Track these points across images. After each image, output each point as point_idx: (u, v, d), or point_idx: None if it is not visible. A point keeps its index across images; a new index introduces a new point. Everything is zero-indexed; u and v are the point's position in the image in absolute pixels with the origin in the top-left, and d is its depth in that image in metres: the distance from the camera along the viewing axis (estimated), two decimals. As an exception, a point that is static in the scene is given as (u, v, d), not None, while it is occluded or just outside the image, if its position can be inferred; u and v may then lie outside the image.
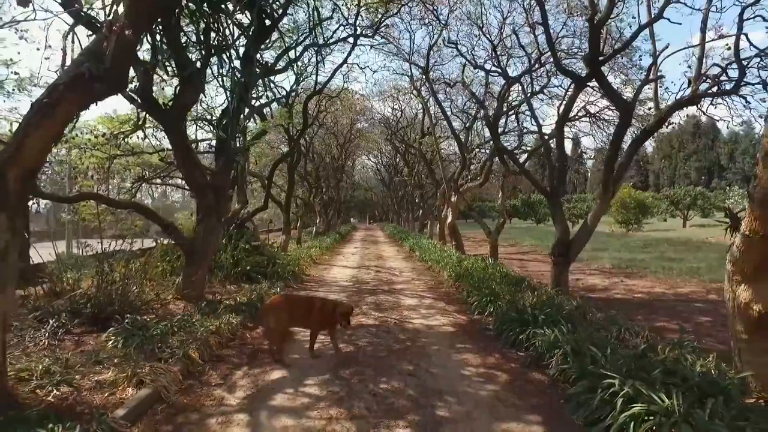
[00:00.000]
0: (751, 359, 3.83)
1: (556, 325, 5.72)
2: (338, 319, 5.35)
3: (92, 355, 4.91)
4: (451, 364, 5.43)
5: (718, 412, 3.29)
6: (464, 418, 3.97)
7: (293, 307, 5.63)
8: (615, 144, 7.87)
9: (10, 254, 3.93)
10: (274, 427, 3.78)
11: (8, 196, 3.91)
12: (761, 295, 3.67)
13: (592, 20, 7.14)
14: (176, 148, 7.51)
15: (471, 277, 9.92)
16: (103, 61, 4.19)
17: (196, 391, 4.52)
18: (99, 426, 3.37)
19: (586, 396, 4.01)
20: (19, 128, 4.13)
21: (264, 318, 5.66)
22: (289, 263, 12.35)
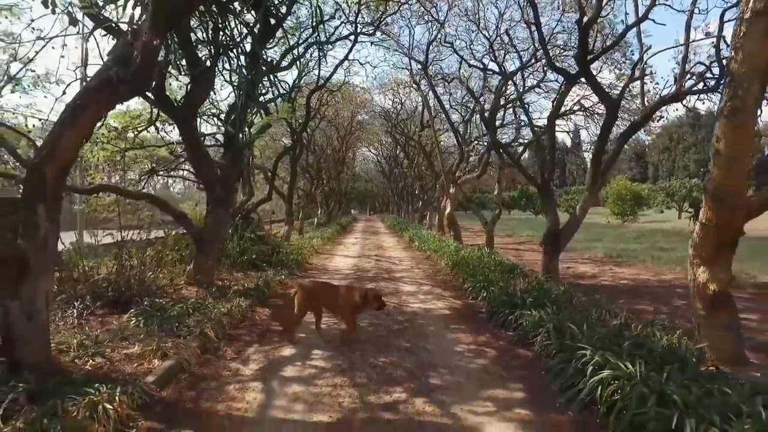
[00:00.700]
0: (708, 333, 4.32)
1: (542, 307, 6.20)
2: (372, 303, 5.73)
3: (117, 333, 5.40)
4: (445, 342, 5.93)
5: (674, 376, 3.78)
6: (455, 386, 4.46)
7: (322, 291, 6.06)
8: (602, 138, 8.32)
9: (49, 242, 4.41)
10: (286, 392, 4.27)
11: (46, 190, 4.39)
12: (716, 277, 4.14)
13: (581, 21, 7.55)
14: (187, 142, 7.96)
15: (467, 265, 10.41)
16: (129, 65, 4.63)
17: (213, 364, 5.01)
18: (134, 389, 3.87)
19: (564, 366, 4.50)
20: (54, 128, 4.58)
21: (293, 297, 6.03)
22: (293, 252, 12.85)
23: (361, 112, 27.77)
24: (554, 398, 4.18)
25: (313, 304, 5.96)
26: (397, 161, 38.81)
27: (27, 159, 5.68)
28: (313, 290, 6.04)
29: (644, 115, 8.32)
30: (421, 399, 4.12)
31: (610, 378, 3.86)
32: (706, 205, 4.04)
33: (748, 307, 7.30)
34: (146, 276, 7.25)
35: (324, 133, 27.47)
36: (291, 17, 9.88)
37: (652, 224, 26.29)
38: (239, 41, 8.29)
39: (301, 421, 3.72)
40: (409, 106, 26.37)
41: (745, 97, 3.42)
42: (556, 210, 9.25)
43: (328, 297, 5.92)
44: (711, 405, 3.24)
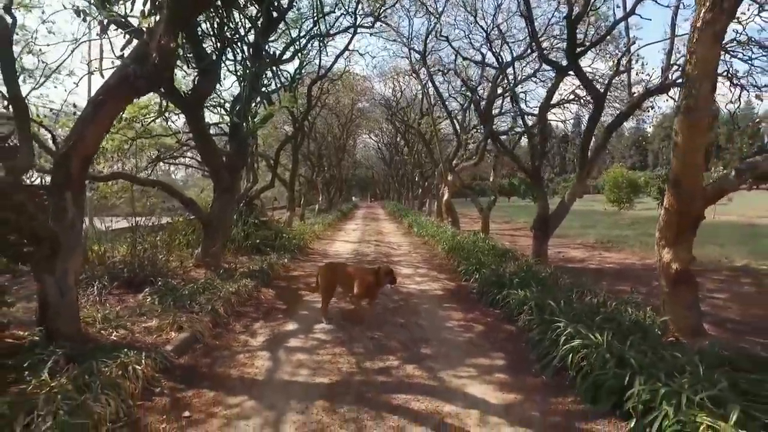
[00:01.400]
0: (671, 308, 4.79)
1: (528, 287, 6.69)
2: (385, 279, 6.08)
3: (135, 310, 5.89)
4: (437, 318, 6.42)
5: (635, 344, 4.26)
6: (443, 354, 4.96)
7: (341, 270, 6.48)
8: (589, 128, 8.74)
9: (76, 224, 4.88)
10: (291, 360, 4.77)
11: (72, 178, 4.84)
12: (678, 257, 4.60)
13: (569, 17, 7.92)
14: (195, 132, 8.38)
15: (462, 249, 10.89)
16: (145, 63, 5.05)
17: (224, 336, 5.51)
18: (156, 355, 4.36)
19: (541, 338, 4.98)
20: (78, 121, 5.01)
21: (316, 278, 6.50)
22: (295, 237, 13.33)
23: (361, 99, 28.02)
24: (531, 366, 4.67)
25: (333, 282, 6.35)
26: (397, 148, 39.10)
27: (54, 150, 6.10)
28: (334, 270, 6.45)
29: (630, 106, 8.72)
30: (412, 365, 4.62)
31: (579, 346, 4.35)
32: (669, 193, 4.49)
33: (721, 287, 7.79)
34: (158, 259, 7.73)
35: (325, 121, 27.77)
36: (292, 10, 10.22)
37: (647, 211, 26.67)
38: (243, 35, 8.67)
39: (304, 382, 4.22)
40: (408, 94, 26.64)
41: (698, 97, 3.84)
42: (545, 196, 9.69)
43: (346, 276, 6.29)
44: (661, 366, 3.73)
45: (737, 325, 5.78)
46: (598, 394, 3.79)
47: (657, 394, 3.31)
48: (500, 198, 51.12)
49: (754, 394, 3.23)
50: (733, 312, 6.47)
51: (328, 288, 6.24)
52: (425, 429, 3.37)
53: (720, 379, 3.35)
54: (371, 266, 6.90)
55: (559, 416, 3.63)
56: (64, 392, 3.28)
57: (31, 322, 4.79)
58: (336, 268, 6.49)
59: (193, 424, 3.45)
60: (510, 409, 3.73)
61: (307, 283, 8.39)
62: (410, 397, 3.91)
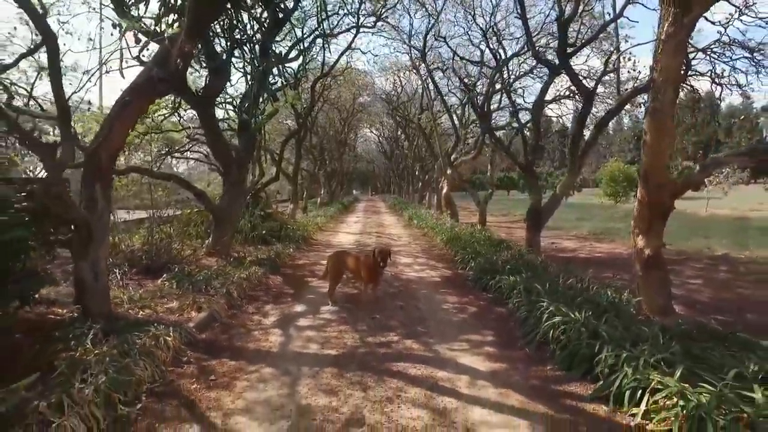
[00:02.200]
0: (644, 289, 5.29)
1: (518, 273, 7.21)
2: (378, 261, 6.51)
3: (156, 293, 6.40)
4: (434, 302, 6.94)
5: (609, 320, 4.78)
6: (438, 332, 5.48)
7: (347, 258, 6.98)
8: (579, 124, 9.21)
9: (104, 214, 5.39)
10: (301, 336, 5.30)
11: (101, 171, 5.34)
12: (650, 243, 5.10)
13: (560, 19, 8.38)
14: (206, 128, 8.88)
15: (459, 240, 11.41)
16: (167, 66, 5.54)
17: (239, 316, 6.04)
18: (181, 330, 4.89)
19: (527, 317, 5.51)
20: (106, 119, 5.49)
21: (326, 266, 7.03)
22: (299, 229, 13.85)
23: (362, 94, 28.41)
24: (517, 341, 5.19)
25: (341, 269, 6.87)
26: (398, 142, 39.48)
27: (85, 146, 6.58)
28: (341, 257, 6.97)
29: (619, 103, 9.20)
30: (410, 340, 5.15)
31: (560, 323, 4.87)
32: (640, 186, 4.99)
33: (699, 274, 8.32)
34: (173, 247, 8.25)
35: (326, 116, 28.19)
36: (297, 10, 10.67)
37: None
38: (252, 36, 9.13)
39: (314, 354, 4.75)
40: (409, 89, 27.04)
41: (663, 101, 4.32)
42: (539, 190, 10.17)
43: (352, 263, 6.82)
44: (628, 338, 4.25)
45: (705, 306, 6.32)
46: (572, 363, 4.32)
47: (620, 359, 3.84)
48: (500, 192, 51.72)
49: (701, 357, 3.75)
50: (704, 295, 7.00)
51: (336, 274, 6.76)
52: (421, 389, 3.89)
53: (674, 347, 3.87)
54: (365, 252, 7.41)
55: (537, 380, 4.15)
56: (110, 356, 3.81)
57: (65, 302, 5.33)
58: (344, 256, 7.01)
59: (218, 386, 3.97)
60: (495, 374, 4.25)
61: (313, 271, 8.93)
62: (408, 365, 4.43)
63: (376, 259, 6.50)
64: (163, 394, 3.77)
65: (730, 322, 5.40)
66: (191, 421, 3.38)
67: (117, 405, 3.40)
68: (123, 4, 6.78)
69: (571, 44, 9.52)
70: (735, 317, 5.82)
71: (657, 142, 4.55)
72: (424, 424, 3.33)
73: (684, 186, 5.01)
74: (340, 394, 3.80)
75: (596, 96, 16.19)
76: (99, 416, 3.20)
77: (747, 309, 6.28)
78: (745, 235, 12.52)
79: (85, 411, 3.15)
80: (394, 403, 3.65)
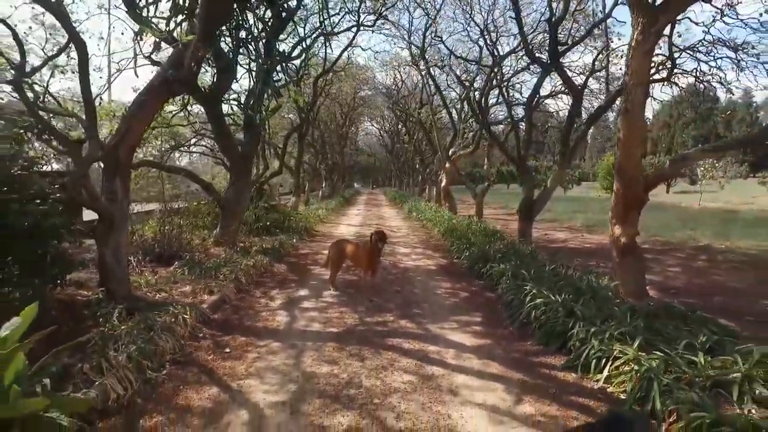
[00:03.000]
0: (620, 274, 5.76)
1: (508, 261, 7.68)
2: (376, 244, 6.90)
3: (169, 278, 6.89)
4: (429, 287, 7.43)
5: (585, 302, 5.26)
6: (431, 313, 5.96)
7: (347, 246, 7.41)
8: (569, 121, 9.64)
9: (124, 205, 5.86)
10: (305, 316, 5.79)
11: (120, 165, 5.81)
12: (626, 232, 5.55)
13: (550, 20, 8.79)
14: (214, 124, 9.34)
15: (456, 231, 11.87)
16: (181, 68, 5.99)
17: (247, 300, 6.54)
18: (195, 311, 5.38)
19: (513, 299, 5.98)
20: (124, 118, 5.95)
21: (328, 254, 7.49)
22: (301, 221, 14.34)
23: (363, 88, 28.76)
24: (503, 321, 5.67)
25: (341, 256, 7.33)
26: (398, 136, 39.83)
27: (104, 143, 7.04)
28: (341, 245, 7.42)
29: (607, 101, 9.62)
30: (405, 320, 5.64)
31: (541, 304, 5.35)
32: (616, 179, 5.44)
33: (679, 262, 8.79)
34: (183, 237, 8.74)
35: (328, 110, 28.57)
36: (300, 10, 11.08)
37: (640, 198, 27.61)
38: (257, 35, 9.55)
39: (317, 331, 5.24)
40: (409, 83, 27.37)
41: (633, 101, 4.76)
42: (531, 183, 10.62)
43: (350, 250, 7.26)
44: (599, 316, 4.73)
45: (678, 291, 6.80)
46: (550, 338, 4.80)
47: (589, 333, 4.32)
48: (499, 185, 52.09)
49: (659, 331, 4.23)
50: (679, 281, 7.47)
51: (337, 261, 7.24)
52: (412, 360, 4.38)
53: (638, 323, 4.35)
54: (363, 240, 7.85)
55: (517, 354, 4.64)
56: (137, 330, 4.31)
57: (90, 285, 5.82)
58: (344, 244, 7.48)
59: (232, 357, 4.47)
60: (480, 349, 4.74)
61: (315, 260, 9.42)
62: (402, 340, 4.92)
63: (374, 245, 6.93)
64: (183, 363, 4.27)
65: (697, 304, 5.87)
66: (210, 384, 3.87)
67: (146, 370, 3.89)
68: (135, 6, 7.21)
69: (563, 43, 9.93)
70: (702, 300, 6.30)
71: (629, 139, 5.00)
72: (414, 387, 3.82)
73: (656, 179, 5.48)
74: (340, 363, 4.29)
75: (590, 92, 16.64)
76: (132, 378, 3.69)
77: (715, 293, 6.77)
78: (731, 227, 12.97)
79: (120, 374, 3.64)
80: (387, 370, 4.14)
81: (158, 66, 8.36)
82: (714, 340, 4.02)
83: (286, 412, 3.41)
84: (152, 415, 3.38)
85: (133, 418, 3.34)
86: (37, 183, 4.59)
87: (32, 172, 4.52)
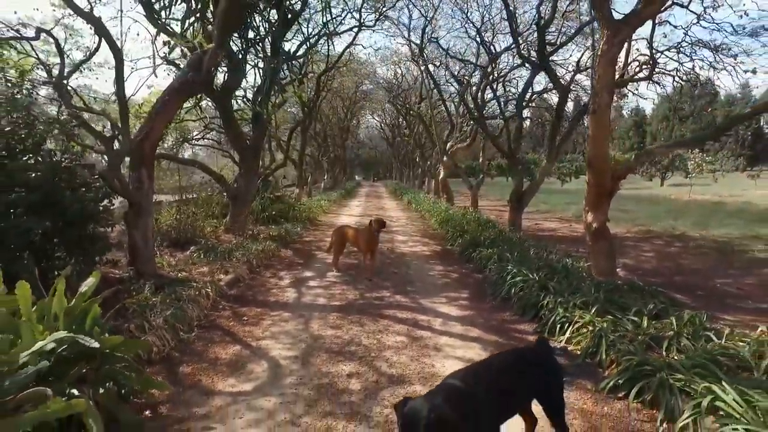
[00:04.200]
0: (592, 256, 6.45)
1: (496, 246, 8.38)
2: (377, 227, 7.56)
3: (188, 260, 7.61)
4: (423, 269, 8.14)
5: (559, 280, 5.96)
6: (423, 290, 6.68)
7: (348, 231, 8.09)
8: (557, 117, 10.29)
9: (149, 193, 6.56)
10: (311, 293, 6.51)
11: (146, 157, 6.50)
12: (596, 219, 6.24)
13: (539, 24, 9.43)
14: (225, 120, 10.02)
15: (451, 221, 12.58)
16: (200, 70, 6.67)
17: (259, 279, 7.26)
18: (215, 287, 6.09)
19: (497, 278, 6.68)
20: (149, 115, 6.64)
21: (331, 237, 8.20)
22: (304, 211, 15.05)
23: (364, 82, 29.32)
24: (487, 297, 6.38)
25: (343, 240, 8.03)
26: (399, 129, 40.39)
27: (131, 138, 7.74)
28: (343, 230, 8.12)
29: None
30: (400, 295, 6.36)
31: (520, 281, 6.06)
32: (588, 171, 6.12)
33: (654, 248, 9.50)
34: (197, 225, 9.46)
35: (330, 104, 29.16)
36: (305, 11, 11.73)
37: (633, 191, 28.30)
38: (264, 36, 10.21)
39: (322, 304, 5.96)
40: (409, 78, 27.92)
41: (600, 103, 5.42)
42: (521, 175, 11.30)
43: (351, 234, 7.96)
44: (568, 290, 5.44)
45: (645, 272, 7.51)
46: (525, 309, 5.51)
47: (557, 303, 5.03)
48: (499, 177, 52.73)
49: (616, 301, 4.94)
50: (649, 264, 8.18)
51: (339, 245, 7.96)
52: (404, 326, 5.10)
53: (599, 295, 5.07)
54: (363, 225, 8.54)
55: (496, 322, 5.35)
56: (169, 299, 5.03)
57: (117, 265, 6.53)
58: (345, 229, 8.19)
59: (249, 323, 5.19)
60: (464, 318, 5.46)
61: (319, 246, 10.14)
62: (397, 311, 5.65)
63: (372, 231, 7.60)
64: (209, 327, 5.00)
65: (658, 281, 6.58)
66: (233, 344, 4.59)
67: (179, 331, 4.62)
68: (153, 11, 7.88)
69: (551, 43, 10.56)
70: (665, 279, 7.02)
71: (597, 136, 5.67)
72: (405, 345, 4.54)
73: (624, 171, 6.17)
74: (343, 328, 5.02)
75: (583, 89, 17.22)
76: (168, 337, 4.41)
77: (678, 273, 7.50)
78: (712, 217, 13.64)
79: (158, 333, 4.36)
80: (383, 333, 4.86)
81: (173, 66, 9.09)
82: (660, 308, 4.73)
83: (299, 363, 4.13)
84: (188, 364, 4.10)
85: (173, 366, 4.06)
86: (81, 174, 5.29)
87: (78, 165, 5.22)
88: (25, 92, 5.23)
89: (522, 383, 2.63)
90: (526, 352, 3.03)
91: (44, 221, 4.50)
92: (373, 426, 3.13)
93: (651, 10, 5.30)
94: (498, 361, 2.77)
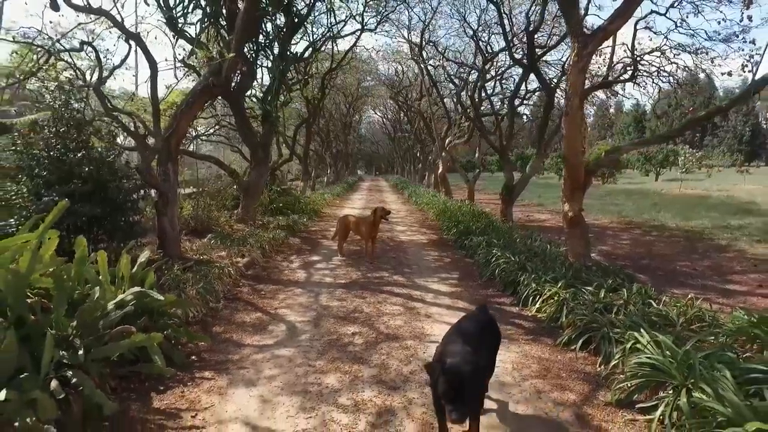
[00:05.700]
0: (569, 242, 7.26)
1: (486, 234, 9.20)
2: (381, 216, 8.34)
3: (207, 246, 8.45)
4: (419, 255, 8.98)
5: (536, 261, 6.78)
6: (419, 272, 7.52)
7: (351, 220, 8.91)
8: (545, 115, 11.08)
9: (174, 185, 7.38)
10: (319, 273, 7.36)
11: (172, 153, 7.31)
12: (573, 208, 7.03)
13: (528, 29, 10.20)
14: (237, 118, 10.82)
15: (448, 213, 13.39)
16: (219, 75, 7.48)
17: (272, 262, 8.11)
18: (235, 267, 6.93)
19: (485, 262, 7.51)
20: (174, 115, 7.44)
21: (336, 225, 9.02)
22: (310, 203, 15.88)
23: (366, 78, 30.06)
24: (475, 278, 7.21)
25: (347, 228, 8.85)
26: (400, 125, 41.12)
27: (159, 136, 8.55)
28: (347, 219, 8.93)
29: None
30: (398, 275, 7.20)
31: (503, 263, 6.88)
32: (564, 166, 6.93)
33: (631, 237, 10.31)
34: (213, 215, 10.30)
35: (332, 100, 29.93)
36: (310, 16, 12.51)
37: (628, 186, 29.01)
38: (273, 39, 11.00)
39: (329, 282, 6.80)
40: (410, 74, 28.65)
41: (572, 106, 6.21)
42: (511, 169, 12.10)
43: (354, 223, 8.78)
44: (543, 269, 6.26)
45: (618, 257, 8.35)
46: (506, 286, 6.34)
47: (531, 280, 5.85)
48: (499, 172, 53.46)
49: (581, 278, 5.76)
50: (623, 250, 9.02)
51: (343, 232, 8.79)
52: (401, 299, 5.94)
53: (567, 273, 5.89)
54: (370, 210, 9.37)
55: (480, 296, 6.18)
56: (198, 276, 5.88)
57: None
58: (349, 218, 9.02)
59: (267, 297, 6.03)
60: (453, 293, 6.29)
61: (324, 235, 10.98)
62: (394, 288, 6.49)
63: (375, 217, 8.38)
64: (233, 299, 5.86)
65: (626, 264, 7.41)
66: (255, 311, 5.44)
67: (208, 302, 5.46)
68: (173, 19, 8.68)
69: (542, 46, 11.32)
70: (633, 262, 7.86)
71: (571, 135, 6.47)
72: (400, 312, 5.38)
73: (595, 166, 6.98)
74: (347, 300, 5.87)
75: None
76: (200, 306, 5.25)
77: (645, 258, 8.33)
78: (693, 210, 14.41)
79: (192, 302, 5.20)
80: (382, 304, 5.70)
81: (192, 69, 9.89)
82: (618, 284, 5.55)
83: (311, 325, 4.98)
84: (219, 326, 4.95)
85: (207, 327, 4.91)
86: (121, 168, 6.12)
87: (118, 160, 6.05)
88: (79, 97, 6.04)
89: (490, 342, 3.31)
90: (479, 315, 3.46)
91: (95, 208, 5.34)
92: (372, 366, 3.97)
93: (615, 26, 6.07)
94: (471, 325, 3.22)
